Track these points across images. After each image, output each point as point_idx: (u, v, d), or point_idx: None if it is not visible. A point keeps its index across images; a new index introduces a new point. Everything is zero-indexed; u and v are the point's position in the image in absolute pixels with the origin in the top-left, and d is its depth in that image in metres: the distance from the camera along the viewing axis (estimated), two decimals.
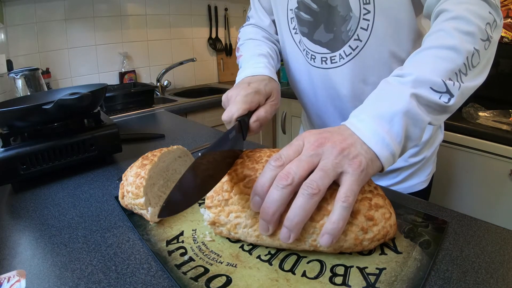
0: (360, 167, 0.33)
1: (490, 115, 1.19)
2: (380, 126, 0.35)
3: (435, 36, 0.41)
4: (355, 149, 0.34)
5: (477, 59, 0.39)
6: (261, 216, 0.33)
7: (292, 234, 0.33)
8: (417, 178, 0.69)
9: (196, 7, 2.07)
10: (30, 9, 1.49)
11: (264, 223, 0.34)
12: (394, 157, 0.36)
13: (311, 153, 0.34)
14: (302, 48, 0.63)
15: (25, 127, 0.61)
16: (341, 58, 0.59)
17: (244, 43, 0.69)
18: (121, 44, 1.80)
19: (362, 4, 0.53)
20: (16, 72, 1.08)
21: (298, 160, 0.33)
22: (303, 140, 0.35)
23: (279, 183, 0.32)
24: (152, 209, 0.43)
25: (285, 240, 0.33)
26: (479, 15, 0.40)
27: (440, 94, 0.37)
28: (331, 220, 0.32)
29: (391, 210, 0.37)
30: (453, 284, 0.32)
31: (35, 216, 0.49)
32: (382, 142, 0.35)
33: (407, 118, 0.36)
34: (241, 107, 0.44)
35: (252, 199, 0.34)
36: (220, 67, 2.27)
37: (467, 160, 1.19)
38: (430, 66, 0.38)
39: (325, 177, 0.32)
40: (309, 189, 0.31)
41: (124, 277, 0.35)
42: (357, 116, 0.38)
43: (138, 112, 1.35)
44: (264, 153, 0.41)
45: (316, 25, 0.58)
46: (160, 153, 0.47)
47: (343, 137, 0.35)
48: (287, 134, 1.93)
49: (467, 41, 0.39)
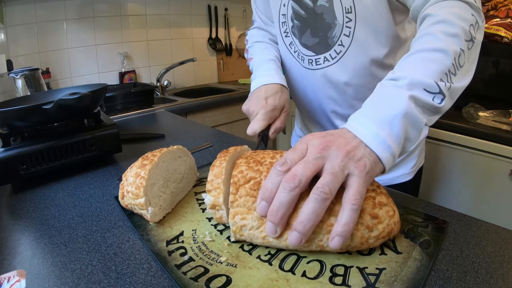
0: (365, 169, 0.34)
1: (490, 115, 1.19)
2: (381, 129, 0.36)
3: (423, 40, 0.42)
4: (359, 151, 0.35)
5: (463, 59, 0.41)
6: (269, 219, 0.34)
7: (304, 238, 0.33)
8: (400, 170, 0.72)
9: (196, 7, 2.07)
10: (30, 9, 1.49)
11: (272, 226, 0.34)
12: (394, 158, 0.37)
13: (317, 155, 0.34)
14: (294, 50, 0.68)
15: (25, 127, 0.61)
16: (325, 61, 0.63)
17: (253, 46, 0.75)
18: (121, 44, 1.80)
19: (345, 13, 0.57)
20: (16, 72, 1.08)
21: (304, 162, 0.34)
22: (307, 143, 0.36)
23: (286, 186, 0.33)
24: (152, 209, 0.43)
25: (296, 244, 0.34)
26: (463, 17, 0.42)
27: (433, 95, 0.39)
28: (341, 222, 0.32)
29: (394, 208, 0.38)
30: (453, 284, 0.32)
31: (35, 216, 0.49)
32: (384, 145, 0.36)
33: (406, 120, 0.37)
34: (262, 124, 0.56)
35: (259, 204, 0.35)
36: (220, 67, 2.27)
37: (467, 160, 1.19)
38: (421, 68, 0.39)
39: (335, 180, 0.33)
40: (322, 193, 0.32)
41: (124, 277, 0.35)
42: (357, 120, 0.38)
43: (138, 112, 1.35)
44: (267, 155, 0.41)
45: (303, 30, 0.63)
46: (160, 153, 0.47)
47: (347, 140, 0.36)
48: (287, 134, 1.93)
49: (453, 43, 0.40)
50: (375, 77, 0.60)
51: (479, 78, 1.25)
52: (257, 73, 0.67)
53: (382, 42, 0.58)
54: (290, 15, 0.64)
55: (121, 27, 1.78)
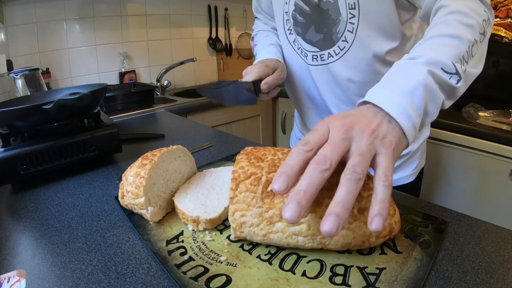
0: (392, 146, 0.33)
1: (490, 115, 1.19)
2: (402, 98, 0.36)
3: (438, 28, 0.43)
4: (383, 129, 0.34)
5: (475, 50, 0.42)
6: (295, 198, 0.29)
7: (341, 223, 0.29)
8: (403, 172, 0.72)
9: (196, 7, 2.07)
10: (30, 9, 1.49)
11: (296, 207, 0.29)
12: (415, 131, 0.37)
13: (342, 136, 0.33)
14: (297, 47, 0.69)
15: (25, 127, 0.61)
16: (329, 57, 0.64)
17: (258, 34, 0.82)
18: (121, 44, 1.80)
19: (348, 9, 0.57)
20: (16, 72, 1.07)
21: (331, 144, 0.32)
22: (328, 125, 0.35)
23: (317, 167, 0.30)
24: (152, 209, 0.43)
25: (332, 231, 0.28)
26: (477, 11, 0.44)
27: (450, 75, 0.39)
28: (378, 200, 0.30)
29: (395, 207, 0.38)
30: (453, 284, 0.32)
31: (35, 216, 0.49)
32: (405, 114, 0.35)
33: (426, 92, 0.37)
34: (254, 75, 0.62)
35: (277, 179, 0.31)
36: (220, 67, 2.26)
37: (467, 160, 1.19)
38: (438, 50, 0.40)
39: (365, 161, 0.32)
40: (355, 174, 0.30)
41: (124, 277, 0.35)
42: (377, 91, 0.38)
43: (138, 112, 1.34)
44: (268, 151, 0.41)
45: (308, 26, 0.64)
46: (160, 153, 0.47)
47: (368, 119, 0.35)
48: (287, 134, 1.93)
49: (468, 32, 0.41)
50: (379, 74, 0.60)
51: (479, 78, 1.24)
52: (258, 56, 0.73)
53: (385, 39, 0.59)
54: (292, 11, 0.65)
55: (121, 27, 1.78)
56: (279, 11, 0.69)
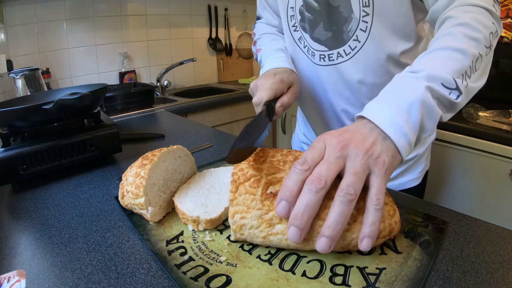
0: (385, 166, 0.34)
1: (490, 115, 1.19)
2: (398, 116, 0.36)
3: (443, 40, 0.42)
4: (377, 147, 0.35)
5: (479, 64, 0.41)
6: (294, 223, 0.32)
7: (333, 243, 0.32)
8: (409, 175, 0.70)
9: (196, 7, 2.07)
10: (30, 9, 1.49)
11: (297, 231, 0.32)
12: (411, 147, 0.37)
13: (337, 154, 0.34)
14: (303, 45, 0.65)
15: (25, 127, 0.61)
16: (338, 56, 0.61)
17: (261, 37, 0.74)
18: (121, 44, 1.80)
19: (362, 6, 0.54)
20: (16, 72, 1.07)
21: (326, 162, 0.33)
22: (324, 142, 0.35)
23: (312, 187, 0.32)
24: (152, 209, 0.43)
25: (325, 251, 0.32)
26: (484, 24, 0.42)
27: (450, 91, 0.39)
28: (368, 223, 0.32)
29: (395, 207, 0.38)
30: (453, 284, 0.32)
31: (35, 216, 0.49)
32: (400, 131, 0.36)
33: (423, 108, 0.37)
34: (268, 93, 0.53)
35: (279, 204, 0.33)
36: (220, 67, 2.26)
37: (467, 160, 1.19)
38: (440, 64, 0.40)
39: (359, 181, 0.32)
40: (348, 195, 0.31)
41: (124, 277, 0.35)
42: (373, 106, 0.38)
43: (138, 112, 1.34)
44: (267, 153, 0.41)
45: (316, 23, 0.60)
46: (160, 153, 0.47)
47: (364, 136, 0.35)
48: (287, 134, 1.93)
49: (473, 46, 0.40)
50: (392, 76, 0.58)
51: None
52: (266, 62, 0.65)
53: (400, 39, 0.56)
54: (299, 7, 0.61)
55: (121, 27, 1.78)
56: (284, 5, 0.65)
